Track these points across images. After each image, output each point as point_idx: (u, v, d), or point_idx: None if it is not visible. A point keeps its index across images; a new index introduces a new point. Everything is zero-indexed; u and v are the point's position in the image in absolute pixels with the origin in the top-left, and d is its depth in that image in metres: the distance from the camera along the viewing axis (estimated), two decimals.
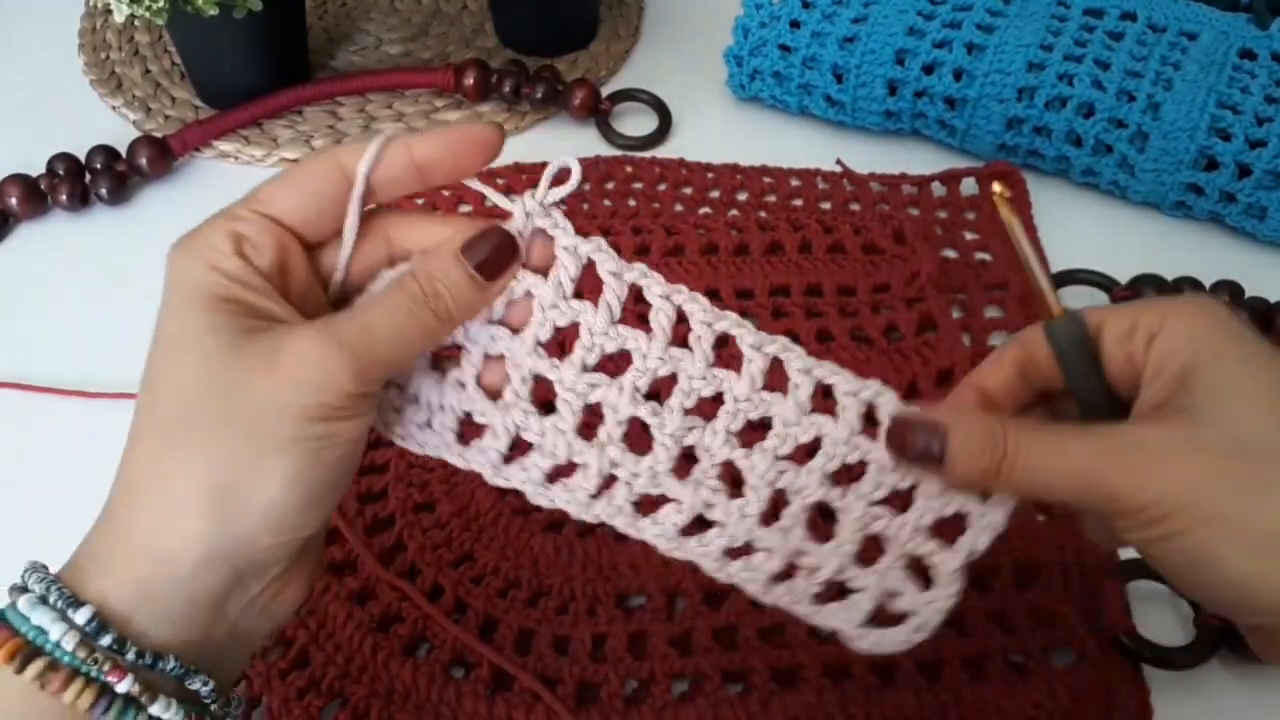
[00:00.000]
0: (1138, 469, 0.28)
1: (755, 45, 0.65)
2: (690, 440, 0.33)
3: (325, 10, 0.77)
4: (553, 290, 0.32)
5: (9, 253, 0.61)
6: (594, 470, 0.33)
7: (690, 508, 0.33)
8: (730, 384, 0.32)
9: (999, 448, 0.30)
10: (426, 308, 0.30)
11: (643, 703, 0.41)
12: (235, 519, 0.28)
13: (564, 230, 0.32)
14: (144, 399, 0.29)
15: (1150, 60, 0.58)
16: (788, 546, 0.32)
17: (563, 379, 0.32)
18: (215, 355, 0.28)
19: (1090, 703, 0.41)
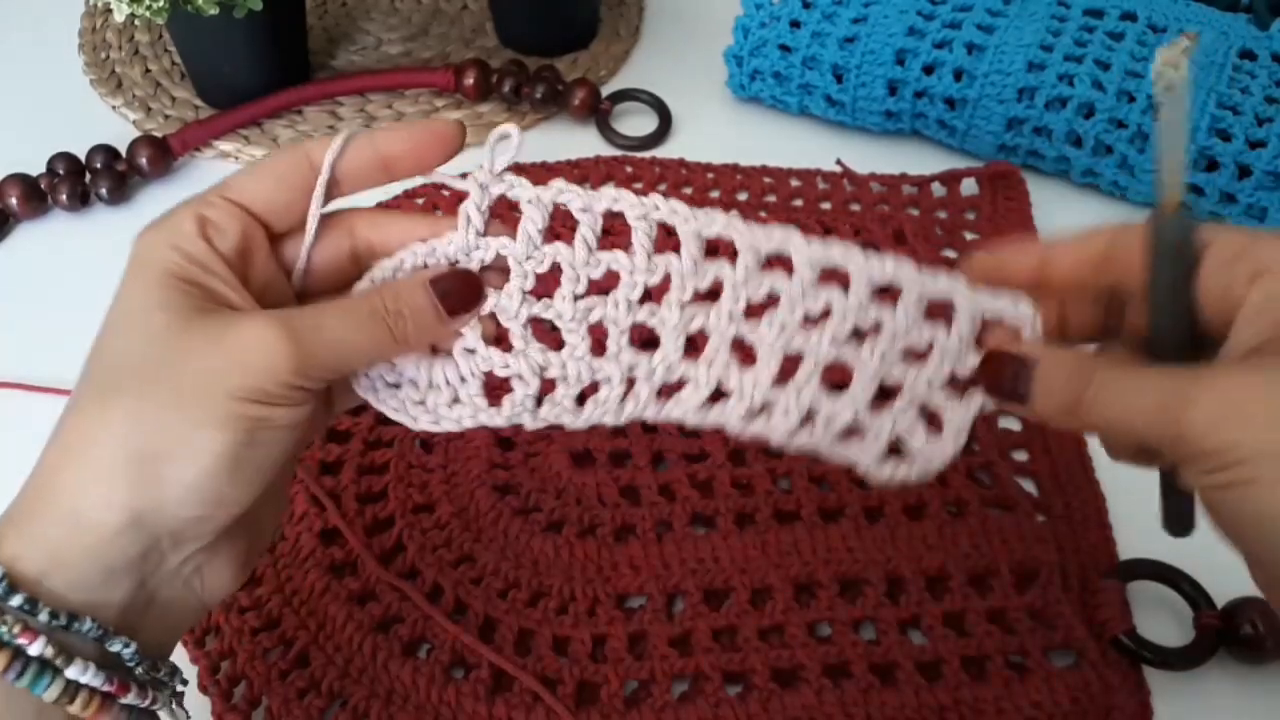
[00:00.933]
0: (1215, 409, 0.26)
1: (755, 45, 0.65)
2: (695, 327, 0.34)
3: (325, 10, 0.77)
4: (524, 244, 0.34)
5: (9, 253, 0.61)
6: (616, 379, 0.34)
7: (707, 384, 0.34)
8: (726, 274, 0.34)
9: (1081, 384, 0.29)
10: (384, 323, 0.31)
11: (643, 703, 0.41)
12: (155, 487, 0.28)
13: (522, 186, 0.34)
14: (86, 365, 0.30)
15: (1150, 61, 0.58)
16: (803, 404, 0.34)
17: (560, 313, 0.34)
18: (161, 329, 0.29)
19: (1090, 703, 0.41)
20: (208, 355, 0.28)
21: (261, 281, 0.32)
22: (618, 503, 0.47)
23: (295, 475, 0.46)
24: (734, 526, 0.46)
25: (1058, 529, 0.46)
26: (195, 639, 0.43)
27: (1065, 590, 0.44)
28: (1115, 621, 0.43)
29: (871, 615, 0.43)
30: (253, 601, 0.44)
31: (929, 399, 0.33)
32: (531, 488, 0.47)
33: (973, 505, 0.46)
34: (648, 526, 0.46)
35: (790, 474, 0.48)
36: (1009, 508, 0.47)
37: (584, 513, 0.46)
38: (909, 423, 0.33)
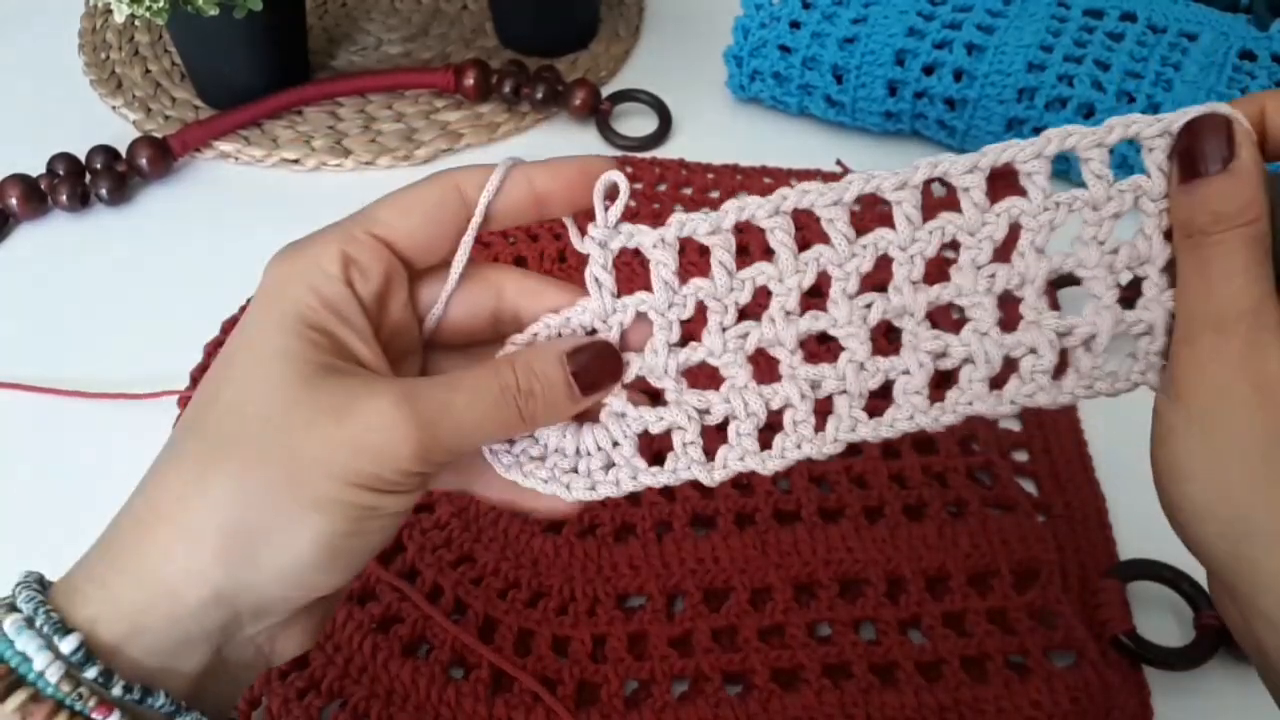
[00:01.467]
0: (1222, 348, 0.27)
1: (755, 46, 0.65)
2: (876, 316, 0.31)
3: (325, 10, 0.78)
4: (662, 293, 0.31)
5: (9, 253, 0.61)
6: (798, 397, 0.31)
7: (922, 367, 0.30)
8: (888, 239, 0.31)
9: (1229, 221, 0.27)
10: (514, 403, 0.29)
11: (643, 703, 0.41)
12: (249, 566, 0.27)
13: (643, 233, 0.31)
14: (194, 410, 0.28)
15: (1150, 61, 0.58)
16: (1049, 335, 0.30)
17: (711, 349, 0.31)
18: (284, 386, 0.27)
19: (1090, 703, 0.41)
20: (328, 429, 0.27)
21: (395, 322, 0.30)
22: (618, 503, 0.47)
23: None
24: (734, 526, 0.46)
25: (1058, 529, 0.46)
26: None
27: (1065, 590, 0.44)
28: (1115, 621, 0.43)
29: (871, 615, 0.43)
30: None
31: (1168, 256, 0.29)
32: None
33: (973, 505, 0.46)
34: (648, 526, 0.46)
35: (790, 474, 0.48)
36: (1009, 508, 0.47)
37: (584, 513, 0.46)
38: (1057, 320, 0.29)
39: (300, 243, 0.29)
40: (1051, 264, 0.30)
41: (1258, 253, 0.27)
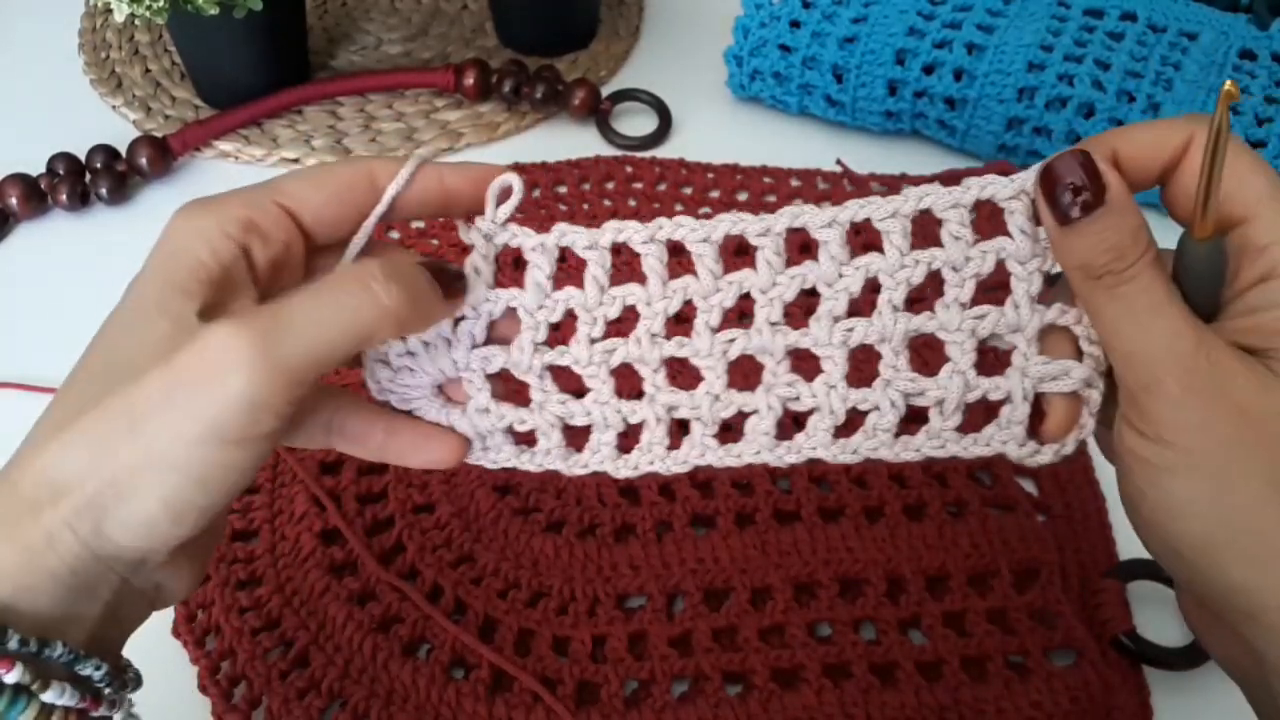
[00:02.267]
0: (1195, 388, 0.26)
1: (755, 45, 0.65)
2: (737, 351, 0.32)
3: (325, 10, 0.77)
4: (533, 294, 0.32)
5: (9, 253, 0.61)
6: (653, 419, 0.32)
7: (770, 409, 0.31)
8: (750, 280, 0.31)
9: (1128, 258, 0.27)
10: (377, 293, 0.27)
11: (643, 703, 0.41)
12: (103, 525, 0.26)
13: (526, 234, 0.32)
14: (83, 358, 0.29)
15: (1150, 60, 0.58)
16: (893, 395, 0.31)
17: (577, 358, 0.32)
18: (149, 339, 0.27)
19: (1090, 703, 0.41)
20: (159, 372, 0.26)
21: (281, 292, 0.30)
22: (618, 503, 0.47)
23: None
24: (734, 526, 0.46)
25: (1058, 529, 0.46)
26: (195, 639, 0.43)
27: (1065, 590, 0.44)
28: (1115, 621, 0.43)
29: (871, 615, 0.43)
30: (253, 601, 0.44)
31: (1041, 321, 0.30)
32: (531, 488, 0.47)
33: (973, 505, 0.46)
34: (648, 526, 0.46)
35: (790, 474, 0.48)
36: (1009, 508, 0.47)
37: (584, 513, 0.46)
38: (1044, 363, 0.30)
39: (206, 200, 0.30)
40: (911, 324, 0.31)
41: (1168, 280, 0.28)
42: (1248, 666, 0.28)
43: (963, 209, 0.30)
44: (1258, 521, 0.26)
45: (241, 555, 0.45)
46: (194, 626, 0.43)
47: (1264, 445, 0.26)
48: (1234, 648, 0.29)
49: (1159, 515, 0.28)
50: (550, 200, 0.62)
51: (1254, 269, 0.27)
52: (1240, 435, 0.26)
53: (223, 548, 0.45)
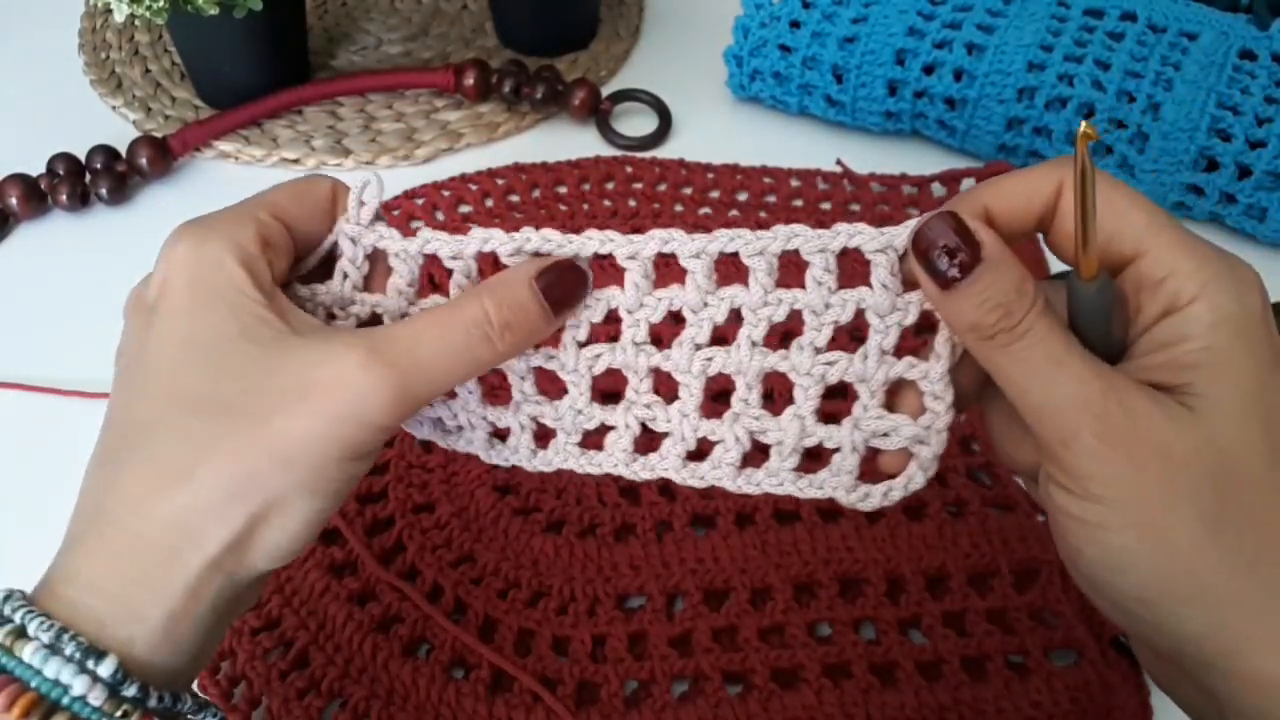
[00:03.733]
0: (1112, 437, 0.26)
1: (755, 45, 0.65)
2: (602, 367, 0.32)
3: (325, 10, 0.77)
4: (395, 299, 0.32)
5: (9, 253, 0.61)
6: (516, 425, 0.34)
7: (628, 427, 0.32)
8: (619, 299, 0.32)
9: (1015, 314, 0.26)
10: (488, 338, 0.29)
11: (643, 703, 0.41)
12: (252, 552, 0.27)
13: (391, 238, 0.32)
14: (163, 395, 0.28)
15: (1150, 61, 0.58)
16: (739, 430, 0.31)
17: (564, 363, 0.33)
18: (252, 363, 0.27)
19: (1090, 703, 0.41)
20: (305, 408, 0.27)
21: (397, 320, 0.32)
22: (618, 503, 0.47)
23: None
24: (734, 526, 0.46)
25: None
26: None
27: (1065, 590, 0.44)
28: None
29: (871, 615, 0.43)
30: None
31: (888, 375, 0.30)
32: (531, 488, 0.47)
33: (973, 505, 0.46)
34: (648, 526, 0.46)
35: None
36: (1009, 508, 0.47)
37: (584, 513, 0.46)
38: (879, 413, 0.30)
39: (208, 223, 0.30)
40: (766, 361, 0.31)
41: (1062, 328, 0.27)
42: (1212, 715, 0.28)
43: (829, 254, 0.30)
44: (1198, 566, 0.26)
45: None
46: None
47: (1191, 486, 0.25)
48: (1196, 696, 0.28)
49: (1100, 571, 0.27)
50: (550, 200, 0.62)
51: (1156, 303, 0.27)
52: (1166, 480, 0.26)
53: None
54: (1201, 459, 0.25)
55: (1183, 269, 0.26)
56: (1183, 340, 0.26)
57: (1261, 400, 0.26)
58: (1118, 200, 0.27)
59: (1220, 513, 0.25)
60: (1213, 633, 0.26)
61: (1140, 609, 0.27)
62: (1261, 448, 0.26)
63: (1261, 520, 0.26)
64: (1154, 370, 0.27)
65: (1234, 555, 0.25)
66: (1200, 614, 0.26)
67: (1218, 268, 0.26)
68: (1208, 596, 0.26)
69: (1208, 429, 0.26)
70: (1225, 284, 0.26)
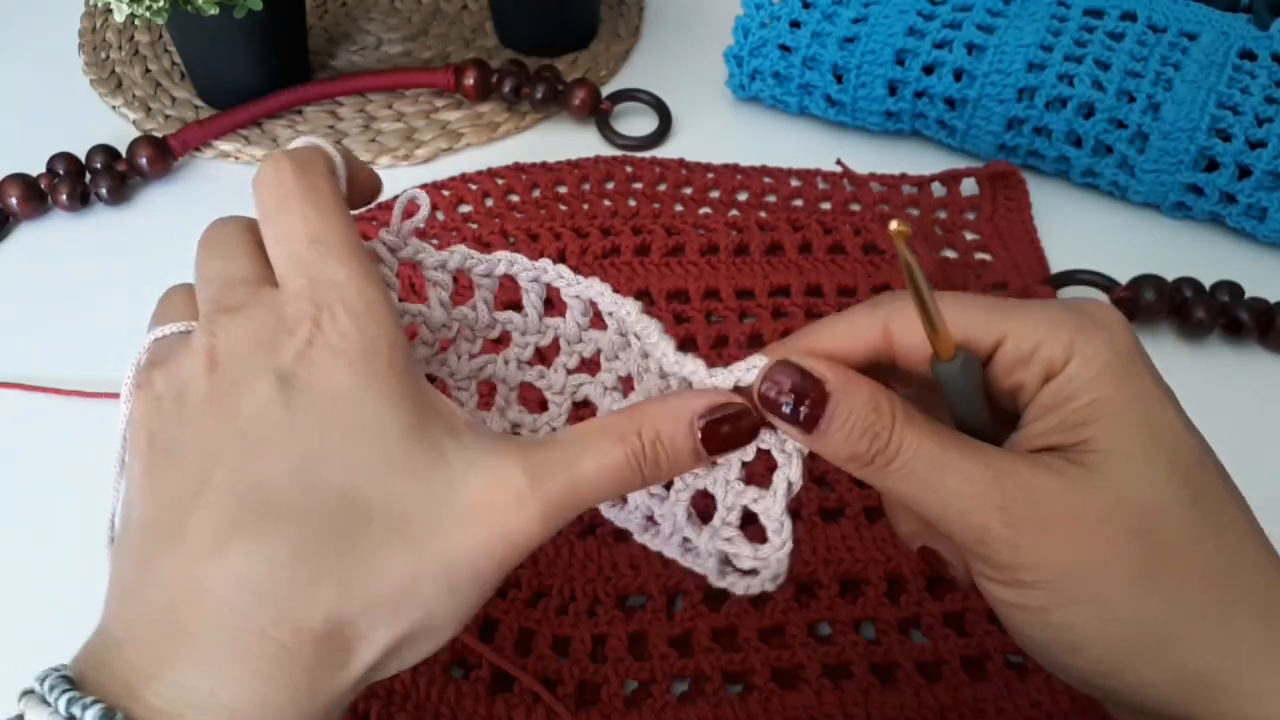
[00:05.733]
0: (1022, 522, 0.25)
1: (755, 45, 0.65)
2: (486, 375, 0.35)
3: (325, 10, 0.78)
4: (438, 309, 0.34)
5: (9, 253, 0.61)
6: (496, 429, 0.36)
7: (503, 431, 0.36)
8: (561, 328, 0.35)
9: (883, 435, 0.26)
10: (639, 472, 0.28)
11: (643, 703, 0.41)
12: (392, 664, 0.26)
13: (428, 252, 0.33)
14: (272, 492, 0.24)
15: (1150, 61, 0.58)
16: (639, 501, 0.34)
17: (454, 370, 0.35)
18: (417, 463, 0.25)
19: (1090, 703, 0.41)
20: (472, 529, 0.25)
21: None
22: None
23: None
24: None
25: None
26: None
27: None
28: None
29: (871, 615, 0.43)
30: None
31: (736, 501, 0.31)
32: None
33: None
34: None
35: None
36: None
37: (583, 513, 0.46)
38: (730, 534, 0.32)
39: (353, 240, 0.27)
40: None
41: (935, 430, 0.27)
42: None
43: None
44: (1148, 625, 0.25)
45: None
46: None
47: (1116, 546, 0.25)
48: None
49: (1057, 653, 0.27)
50: (550, 200, 0.62)
51: (1033, 374, 0.27)
52: (1089, 548, 0.25)
53: None
54: (1118, 515, 0.25)
55: (1045, 336, 0.26)
56: (1069, 400, 0.26)
57: (1162, 438, 0.26)
58: (957, 302, 0.27)
59: (1154, 565, 0.25)
60: (1184, 687, 0.25)
61: (1108, 679, 0.26)
62: (1174, 486, 0.25)
63: (1197, 560, 0.25)
64: (1049, 435, 0.27)
65: (1182, 605, 0.25)
66: (1166, 673, 0.25)
67: (1078, 321, 0.26)
68: (1167, 653, 0.25)
69: (1114, 482, 0.25)
70: (1091, 334, 0.26)
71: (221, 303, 0.27)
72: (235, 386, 0.25)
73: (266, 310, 0.26)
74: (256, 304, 0.26)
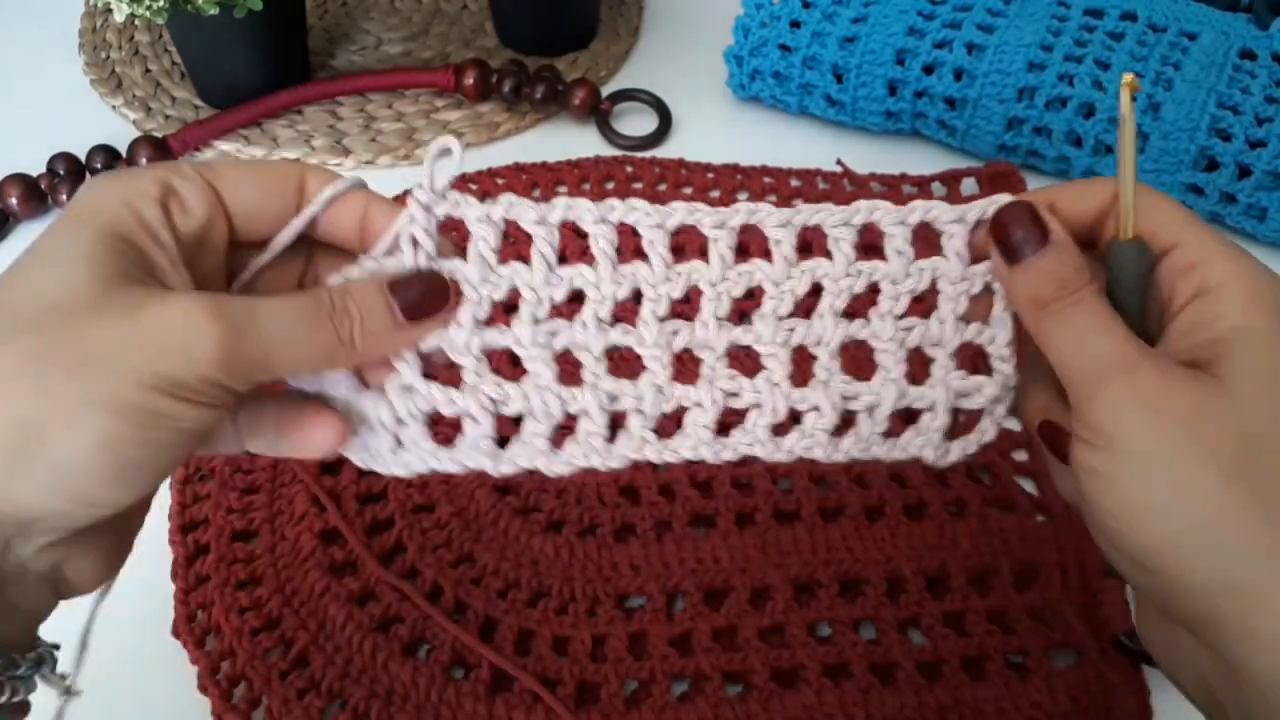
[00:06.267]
0: (1136, 391, 0.27)
1: (755, 45, 0.65)
2: (680, 344, 0.31)
3: (325, 10, 0.77)
4: (477, 267, 0.30)
5: (9, 253, 0.60)
6: (595, 409, 0.31)
7: (714, 403, 0.31)
8: (701, 272, 0.31)
9: (1073, 284, 0.29)
10: (329, 321, 0.28)
11: (643, 703, 0.41)
12: (22, 465, 0.24)
13: (469, 204, 0.30)
14: None
15: (1150, 60, 0.58)
16: (833, 396, 0.32)
17: (519, 338, 0.31)
18: (77, 285, 0.25)
19: (1090, 703, 0.41)
20: (118, 328, 0.25)
21: (201, 279, 0.29)
22: (618, 503, 0.47)
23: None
24: (734, 526, 0.46)
25: (1058, 529, 0.46)
26: (195, 639, 0.43)
27: (1065, 590, 0.44)
28: (1115, 621, 0.43)
29: (871, 615, 0.43)
30: (253, 601, 0.44)
31: (960, 339, 0.32)
32: (531, 488, 0.47)
33: (973, 505, 0.46)
34: (648, 526, 0.46)
35: (790, 474, 0.48)
36: (1009, 508, 0.47)
37: (584, 513, 0.46)
38: (962, 379, 0.32)
39: (125, 169, 0.29)
40: (848, 330, 0.32)
41: (1108, 305, 0.29)
42: (1218, 689, 0.28)
43: (907, 227, 0.32)
44: (1214, 517, 0.26)
45: (241, 555, 0.45)
46: (194, 626, 0.43)
47: (1212, 445, 0.27)
48: (1202, 662, 0.28)
49: (1116, 524, 0.28)
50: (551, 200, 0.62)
51: (1187, 287, 0.29)
52: (1186, 431, 0.27)
53: (223, 548, 0.45)
54: (1226, 422, 0.27)
55: (1215, 256, 0.29)
56: (1215, 319, 0.28)
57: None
58: (1159, 200, 0.30)
59: (1241, 472, 0.26)
60: (1226, 587, 0.26)
61: (1156, 560, 0.27)
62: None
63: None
64: (1187, 350, 0.28)
65: (1253, 512, 0.26)
66: (1214, 566, 0.26)
67: (1247, 259, 0.29)
68: (1223, 549, 0.26)
69: (1235, 397, 0.27)
70: (1256, 270, 0.29)
71: None
72: None
73: None
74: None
